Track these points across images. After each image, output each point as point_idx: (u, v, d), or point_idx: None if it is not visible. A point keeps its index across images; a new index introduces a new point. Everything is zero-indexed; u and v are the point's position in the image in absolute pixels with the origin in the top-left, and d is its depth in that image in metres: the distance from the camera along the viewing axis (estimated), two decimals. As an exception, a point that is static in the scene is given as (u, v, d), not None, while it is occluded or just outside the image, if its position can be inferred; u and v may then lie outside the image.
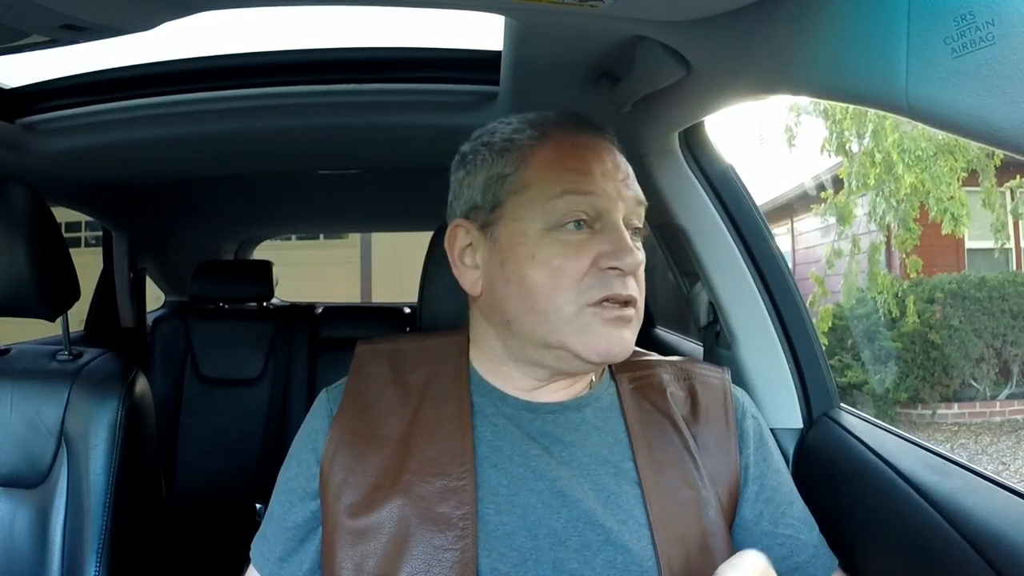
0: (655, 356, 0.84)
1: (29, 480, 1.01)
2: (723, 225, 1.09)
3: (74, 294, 1.11)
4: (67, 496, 1.00)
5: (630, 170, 0.74)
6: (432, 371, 0.76)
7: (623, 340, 0.69)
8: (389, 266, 6.68)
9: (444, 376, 0.75)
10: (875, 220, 5.35)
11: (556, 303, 0.68)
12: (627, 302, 0.69)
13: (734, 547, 0.71)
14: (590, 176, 0.70)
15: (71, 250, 1.12)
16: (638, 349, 0.85)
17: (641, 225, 0.74)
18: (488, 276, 0.72)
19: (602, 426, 0.74)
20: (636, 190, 0.73)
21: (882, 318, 5.56)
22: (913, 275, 5.37)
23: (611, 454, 0.72)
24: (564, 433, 0.72)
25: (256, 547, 0.76)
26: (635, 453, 0.72)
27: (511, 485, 0.69)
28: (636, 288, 0.70)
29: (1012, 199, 5.76)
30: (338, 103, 1.29)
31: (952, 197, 4.97)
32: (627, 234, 0.69)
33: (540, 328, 0.69)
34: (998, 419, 5.73)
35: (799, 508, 0.77)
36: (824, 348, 1.08)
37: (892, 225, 5.33)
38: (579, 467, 0.71)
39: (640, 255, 0.70)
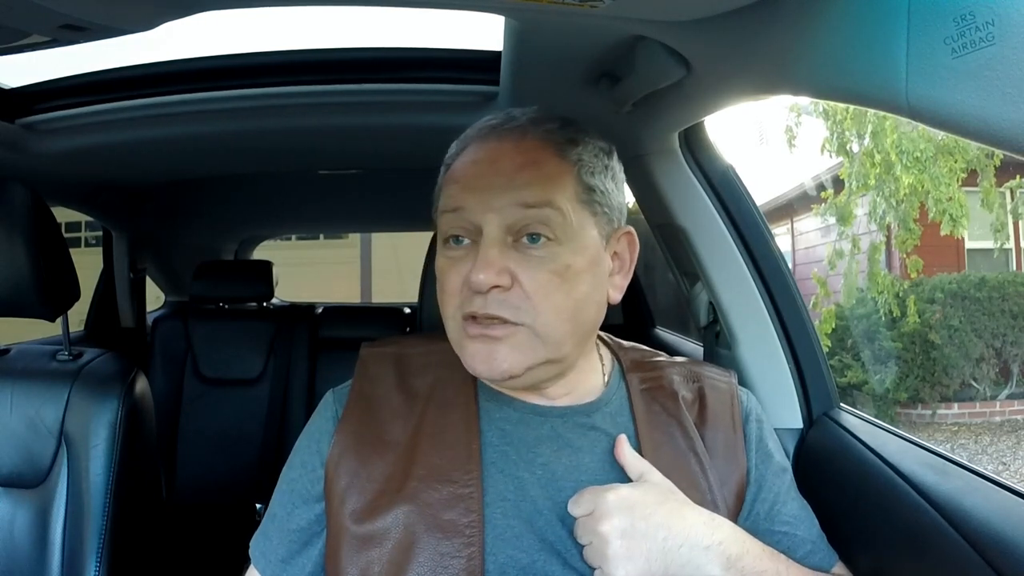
0: (664, 356, 0.84)
1: (29, 480, 1.01)
2: (723, 225, 1.09)
3: (74, 294, 1.11)
4: (67, 496, 1.00)
5: (521, 173, 0.67)
6: (438, 377, 0.76)
7: (492, 357, 0.67)
8: (389, 266, 6.68)
9: (450, 383, 0.75)
10: (875, 220, 5.35)
11: (444, 317, 0.71)
12: (491, 319, 0.66)
13: None
14: (464, 191, 0.69)
15: (71, 250, 1.12)
16: (647, 348, 0.85)
17: (543, 229, 0.66)
18: None
19: (612, 431, 0.73)
20: (516, 195, 0.66)
21: (882, 318, 5.56)
22: (913, 275, 5.37)
23: None
24: (574, 437, 0.72)
25: (257, 546, 0.75)
26: (642, 456, 0.72)
27: (518, 490, 0.69)
28: (501, 306, 0.65)
29: (1012, 199, 5.77)
30: (338, 103, 1.29)
31: (951, 198, 4.97)
32: (492, 249, 0.66)
33: (449, 339, 0.72)
34: (998, 419, 5.73)
35: (796, 505, 0.78)
36: (826, 349, 1.09)
37: (892, 225, 5.33)
38: (587, 470, 0.70)
39: (491, 275, 0.64)
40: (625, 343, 0.84)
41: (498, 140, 0.71)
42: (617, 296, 0.74)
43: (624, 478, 0.70)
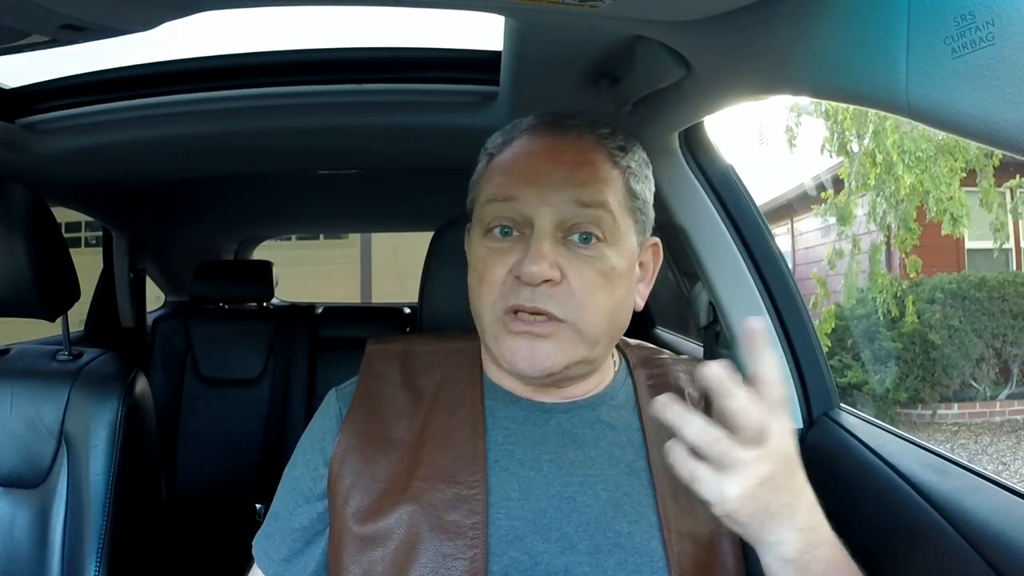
0: (669, 354, 0.84)
1: (29, 480, 1.01)
2: (723, 225, 1.09)
3: (74, 294, 1.11)
4: (67, 496, 1.00)
5: (578, 171, 0.69)
6: (444, 377, 0.76)
7: (533, 354, 0.66)
8: (389, 266, 6.68)
9: (457, 383, 0.75)
10: (875, 220, 5.35)
11: (479, 308, 0.70)
12: (537, 314, 0.66)
13: (740, 547, 0.71)
14: (517, 182, 0.68)
15: (71, 250, 1.12)
16: (653, 346, 0.85)
17: (594, 229, 0.67)
18: None
19: (617, 424, 0.73)
20: (573, 192, 0.67)
21: (882, 318, 5.56)
22: (913, 275, 5.38)
23: (624, 453, 0.72)
24: (579, 432, 0.72)
25: (259, 546, 0.75)
26: (648, 451, 0.72)
27: (522, 489, 0.69)
28: (548, 300, 0.65)
29: (1011, 199, 5.77)
30: (338, 103, 1.29)
31: (952, 197, 4.97)
32: (545, 242, 0.66)
33: (480, 331, 0.71)
34: (998, 419, 5.73)
35: None
36: (826, 349, 1.09)
37: (892, 225, 5.33)
38: (592, 466, 0.70)
39: (544, 268, 0.64)
40: (631, 340, 0.85)
41: (555, 136, 0.71)
42: (641, 303, 0.75)
43: (627, 471, 0.70)
